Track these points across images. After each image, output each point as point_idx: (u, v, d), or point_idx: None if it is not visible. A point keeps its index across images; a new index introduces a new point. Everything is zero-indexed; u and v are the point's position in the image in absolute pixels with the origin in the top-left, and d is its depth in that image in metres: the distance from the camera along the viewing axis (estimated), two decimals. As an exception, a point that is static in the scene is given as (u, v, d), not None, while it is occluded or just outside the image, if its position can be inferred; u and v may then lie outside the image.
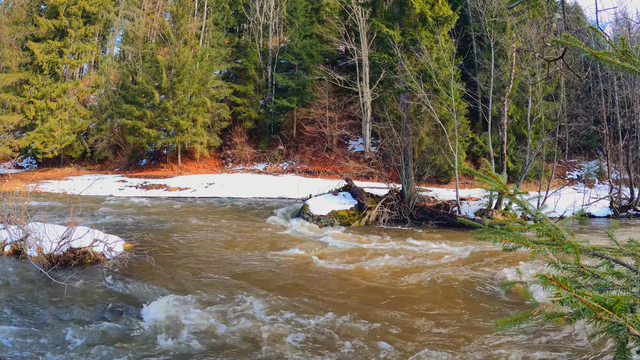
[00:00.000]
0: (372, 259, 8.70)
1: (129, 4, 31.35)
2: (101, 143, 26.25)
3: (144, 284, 6.63)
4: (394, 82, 15.15)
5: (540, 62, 14.67)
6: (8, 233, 7.67)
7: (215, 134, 26.01)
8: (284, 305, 5.94)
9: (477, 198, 14.51)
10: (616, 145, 18.85)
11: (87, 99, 29.35)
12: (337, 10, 26.76)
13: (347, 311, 5.83)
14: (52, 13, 25.97)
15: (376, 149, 24.16)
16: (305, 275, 7.52)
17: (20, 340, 4.68)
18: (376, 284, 7.13)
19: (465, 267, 8.21)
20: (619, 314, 1.52)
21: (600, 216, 15.09)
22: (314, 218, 12.53)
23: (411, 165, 14.15)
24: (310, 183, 19.45)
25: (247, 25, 30.70)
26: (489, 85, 15.11)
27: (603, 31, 2.15)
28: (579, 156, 24.23)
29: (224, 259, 8.39)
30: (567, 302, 1.58)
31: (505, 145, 14.43)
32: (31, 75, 24.74)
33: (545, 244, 2.12)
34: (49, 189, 19.67)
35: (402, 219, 13.21)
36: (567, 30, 6.87)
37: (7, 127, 22.96)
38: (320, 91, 25.12)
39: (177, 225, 11.83)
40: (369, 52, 23.82)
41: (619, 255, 2.29)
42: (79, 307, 5.65)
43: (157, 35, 29.62)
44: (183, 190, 19.75)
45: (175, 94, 24.22)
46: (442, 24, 14.04)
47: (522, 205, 2.24)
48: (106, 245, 7.72)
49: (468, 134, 21.16)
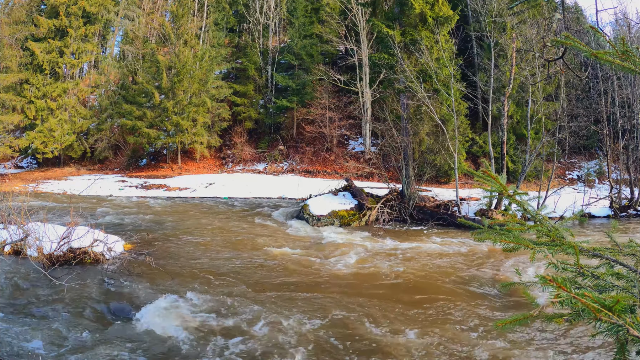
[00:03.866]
0: (372, 259, 8.70)
1: (129, 4, 31.33)
2: (101, 143, 26.24)
3: (144, 284, 6.63)
4: (394, 82, 15.15)
5: (540, 62, 14.66)
6: (8, 233, 7.67)
7: (215, 134, 26.01)
8: (284, 306, 5.94)
9: (477, 198, 14.50)
10: (616, 145, 18.84)
11: (87, 99, 29.34)
12: (337, 10, 26.74)
13: (347, 311, 5.83)
14: (52, 13, 25.97)
15: (376, 149, 24.14)
16: (305, 276, 7.52)
17: (20, 339, 4.67)
18: (376, 284, 7.13)
19: (466, 267, 8.21)
20: (619, 315, 1.52)
21: (600, 216, 15.07)
22: (314, 218, 12.53)
23: (411, 165, 14.14)
24: (310, 183, 19.44)
25: (247, 25, 30.69)
26: (489, 85, 15.10)
27: (603, 31, 2.15)
28: (579, 156, 24.22)
29: (224, 259, 8.38)
30: (567, 303, 1.58)
31: (505, 145, 14.42)
32: (31, 75, 24.73)
33: (545, 244, 2.12)
34: (49, 189, 19.67)
35: (402, 219, 13.21)
36: (567, 30, 6.87)
37: (7, 127, 22.96)
38: (320, 91, 25.11)
39: (177, 225, 11.83)
40: (369, 52, 23.81)
41: (619, 256, 2.29)
42: (78, 307, 5.65)
43: (157, 35, 29.63)
44: (183, 190, 19.75)
45: (176, 94, 24.21)
46: (442, 24, 14.04)
47: (521, 206, 2.24)
48: (106, 245, 7.72)
49: (468, 134, 21.15)
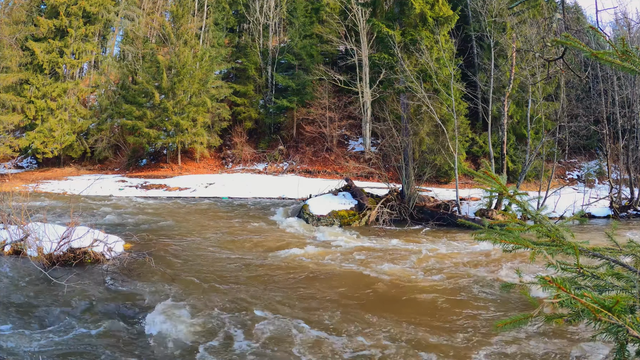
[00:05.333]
0: (372, 259, 8.70)
1: (129, 4, 31.34)
2: (101, 143, 26.25)
3: (144, 284, 6.63)
4: (394, 82, 15.14)
5: (540, 62, 14.65)
6: (8, 233, 7.66)
7: (215, 134, 26.01)
8: (284, 306, 5.94)
9: (477, 198, 14.50)
10: (616, 145, 18.83)
11: (87, 99, 29.36)
12: (337, 10, 26.75)
13: (347, 311, 5.83)
14: (52, 13, 25.98)
15: (376, 149, 24.14)
16: (305, 276, 7.52)
17: (20, 340, 4.67)
18: (376, 284, 7.13)
19: (466, 267, 8.21)
20: (619, 315, 1.52)
21: (600, 216, 15.07)
22: (314, 218, 12.52)
23: (411, 165, 14.14)
24: (310, 183, 19.45)
25: (247, 25, 30.70)
26: (489, 85, 15.10)
27: (603, 31, 2.15)
28: (579, 156, 24.22)
29: (224, 259, 8.38)
30: (567, 304, 1.58)
31: (505, 145, 14.42)
32: (31, 75, 24.74)
33: (545, 244, 2.12)
34: (49, 189, 19.67)
35: (402, 219, 13.21)
36: (567, 30, 6.87)
37: (7, 127, 22.96)
38: (320, 91, 25.11)
39: (177, 225, 11.83)
40: (369, 52, 23.81)
41: (619, 256, 2.29)
42: (78, 308, 5.65)
43: (157, 35, 29.64)
44: (183, 190, 19.75)
45: (176, 94, 24.22)
46: (442, 24, 14.04)
47: (521, 206, 2.24)
48: (106, 245, 7.72)
49: (468, 134, 21.17)
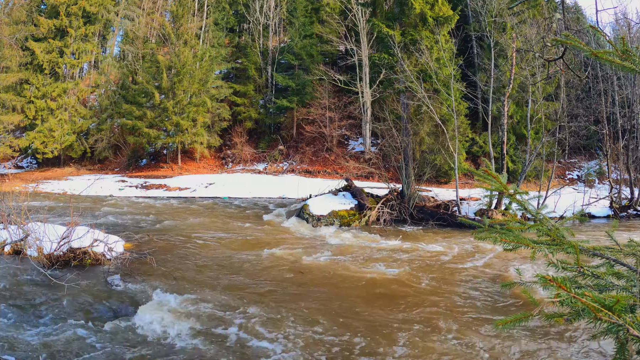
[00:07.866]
0: (372, 259, 8.70)
1: (129, 4, 31.34)
2: (101, 143, 26.25)
3: (144, 284, 6.63)
4: (394, 82, 15.15)
5: (540, 62, 14.66)
6: (8, 233, 7.66)
7: (215, 134, 26.01)
8: (283, 306, 5.94)
9: (477, 198, 14.50)
10: (616, 145, 18.83)
11: (87, 99, 29.35)
12: (337, 10, 26.75)
13: (348, 311, 5.83)
14: (52, 13, 25.98)
15: (376, 149, 24.14)
16: (305, 276, 7.52)
17: (20, 340, 4.67)
18: (376, 284, 7.13)
19: (466, 267, 8.21)
20: (619, 315, 1.52)
21: (600, 216, 15.08)
22: (314, 218, 12.52)
23: (411, 165, 14.14)
24: (310, 183, 19.44)
25: (247, 25, 30.69)
26: (489, 85, 15.10)
27: (603, 31, 2.15)
28: (579, 156, 24.22)
29: (224, 259, 8.39)
30: (567, 303, 1.58)
31: (505, 145, 14.42)
32: (31, 75, 24.74)
33: (546, 244, 2.12)
34: (49, 189, 19.67)
35: (402, 219, 13.21)
36: (567, 30, 6.85)
37: (7, 127, 22.96)
38: (320, 91, 25.11)
39: (177, 225, 11.83)
40: (369, 52, 23.81)
41: (619, 255, 2.29)
42: (78, 308, 5.65)
43: (157, 35, 29.64)
44: (183, 190, 19.75)
45: (176, 94, 24.22)
46: (442, 24, 14.04)
47: (522, 205, 2.24)
48: (106, 245, 7.72)
49: (468, 134, 21.16)
